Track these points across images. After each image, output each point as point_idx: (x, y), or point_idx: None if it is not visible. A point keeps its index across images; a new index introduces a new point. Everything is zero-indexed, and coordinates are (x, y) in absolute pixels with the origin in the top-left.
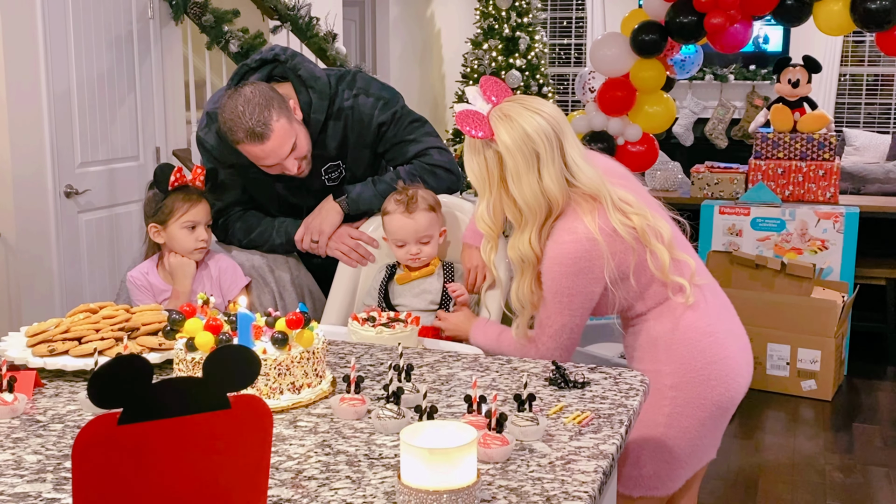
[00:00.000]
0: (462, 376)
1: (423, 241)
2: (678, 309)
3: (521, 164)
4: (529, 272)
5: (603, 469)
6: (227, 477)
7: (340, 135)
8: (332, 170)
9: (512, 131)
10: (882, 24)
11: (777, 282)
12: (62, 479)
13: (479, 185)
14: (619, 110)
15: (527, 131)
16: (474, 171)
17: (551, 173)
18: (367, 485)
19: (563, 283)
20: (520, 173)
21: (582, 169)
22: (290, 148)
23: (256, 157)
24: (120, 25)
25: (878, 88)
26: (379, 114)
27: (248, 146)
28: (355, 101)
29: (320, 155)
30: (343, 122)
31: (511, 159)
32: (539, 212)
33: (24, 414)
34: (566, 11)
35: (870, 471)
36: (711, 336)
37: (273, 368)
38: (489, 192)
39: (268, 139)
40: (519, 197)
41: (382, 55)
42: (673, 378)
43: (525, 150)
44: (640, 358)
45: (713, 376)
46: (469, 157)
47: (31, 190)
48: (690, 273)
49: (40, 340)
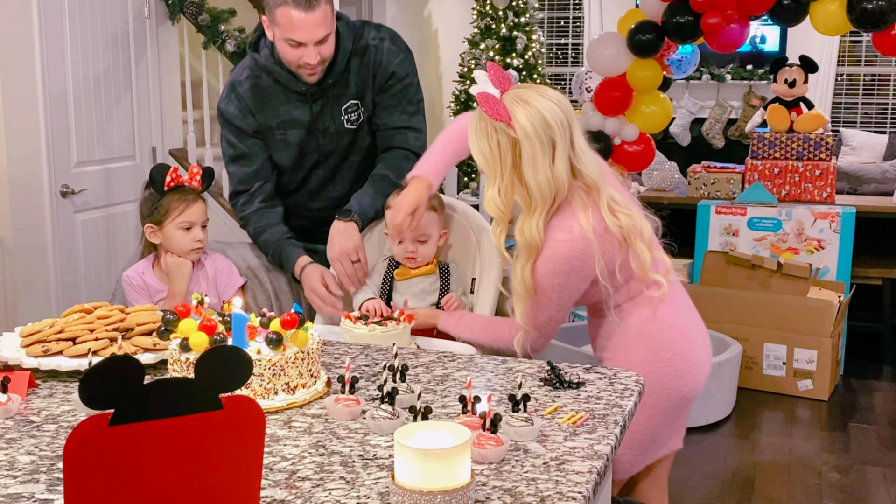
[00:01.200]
0: (457, 377)
1: (420, 239)
2: (652, 302)
3: (538, 150)
4: (532, 256)
5: (597, 469)
6: (219, 478)
7: (363, 71)
8: (352, 109)
9: (532, 117)
10: (878, 24)
11: (773, 282)
12: (55, 479)
13: (490, 169)
14: (615, 110)
15: (545, 117)
16: (485, 155)
17: (563, 160)
18: (361, 485)
19: (555, 281)
20: (536, 159)
21: (588, 157)
22: (324, 36)
23: (292, 25)
24: (116, 25)
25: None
26: (399, 63)
27: (291, 10)
28: (380, 42)
29: (342, 93)
30: (367, 60)
31: (529, 145)
32: (549, 198)
33: (17, 414)
34: (563, 11)
35: (866, 471)
36: (679, 329)
37: (267, 369)
38: (500, 177)
39: (313, 10)
40: (533, 182)
41: None
42: (641, 368)
43: (543, 136)
44: (611, 347)
45: (679, 368)
46: (479, 141)
47: (27, 189)
48: (666, 270)
49: (35, 341)
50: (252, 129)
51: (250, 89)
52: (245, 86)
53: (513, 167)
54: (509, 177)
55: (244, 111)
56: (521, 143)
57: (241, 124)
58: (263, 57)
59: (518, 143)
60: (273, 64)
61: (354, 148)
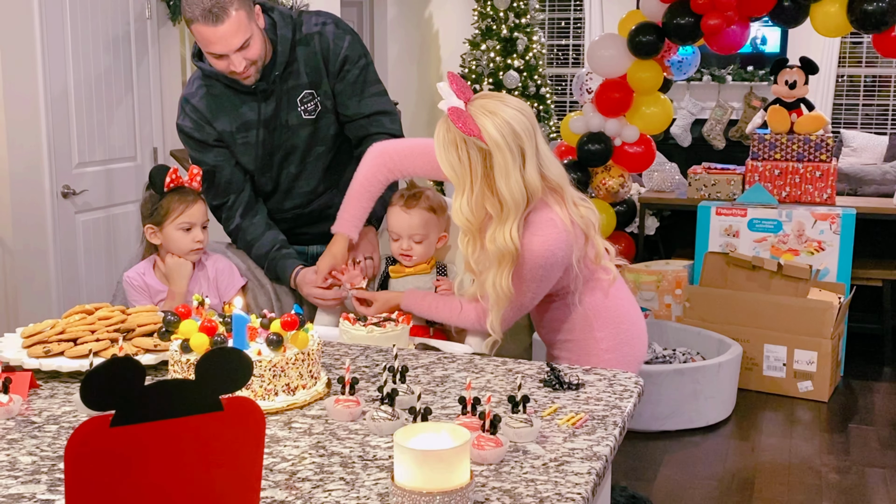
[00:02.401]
0: (457, 378)
1: (416, 239)
2: (602, 284)
3: (509, 159)
4: (508, 265)
5: (596, 470)
6: (219, 479)
7: (312, 60)
8: (308, 100)
9: (501, 127)
10: (879, 25)
11: (773, 283)
12: (57, 480)
13: (459, 180)
14: (616, 111)
15: (513, 126)
16: (454, 166)
17: (532, 167)
18: (360, 486)
19: (539, 272)
20: (508, 168)
21: (551, 161)
22: (242, 43)
23: (206, 40)
24: (117, 26)
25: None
26: (348, 47)
27: (202, 26)
28: (324, 27)
29: (295, 85)
30: (313, 48)
31: (500, 155)
32: (521, 204)
33: (19, 415)
34: (564, 12)
35: (866, 472)
36: (628, 301)
37: (268, 370)
38: (470, 188)
39: (222, 23)
40: (506, 191)
41: (380, 56)
42: (607, 342)
43: (513, 145)
44: (572, 329)
45: (635, 335)
46: (448, 153)
47: (28, 190)
48: (610, 256)
49: (36, 341)
50: (212, 138)
51: (203, 98)
52: (197, 96)
53: (483, 177)
54: (480, 187)
55: (199, 123)
56: (492, 154)
57: (200, 137)
58: (208, 64)
59: (489, 154)
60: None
61: (317, 138)
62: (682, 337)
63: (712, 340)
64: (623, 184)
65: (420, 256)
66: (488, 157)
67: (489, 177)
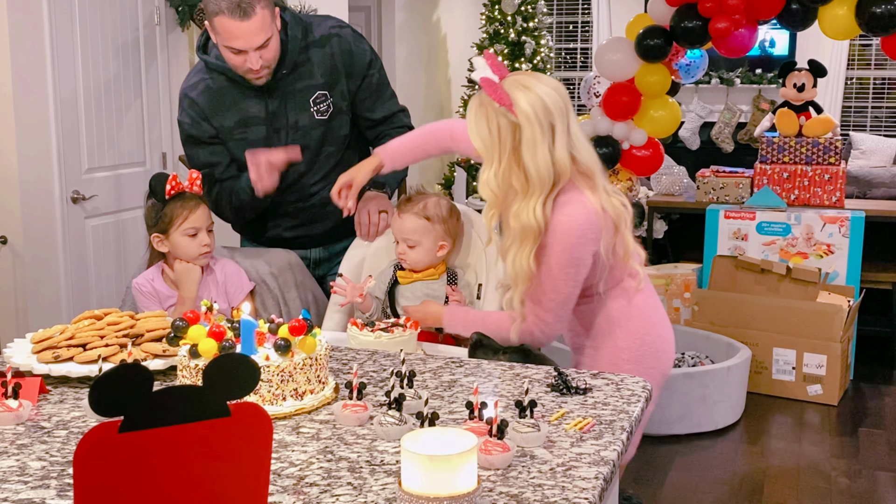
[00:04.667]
0: (464, 382)
1: (408, 244)
2: (628, 292)
3: (538, 133)
4: (530, 243)
5: (604, 475)
6: (227, 484)
7: (328, 62)
8: (321, 101)
9: (532, 101)
10: (887, 28)
11: (782, 286)
12: (66, 485)
13: (488, 152)
14: (624, 115)
15: (545, 102)
16: (483, 138)
17: (561, 146)
18: (368, 491)
19: (574, 253)
20: (536, 142)
21: (583, 144)
22: (263, 42)
23: (229, 34)
24: (126, 32)
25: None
26: (370, 51)
27: (227, 19)
28: (341, 30)
29: (308, 85)
30: (329, 50)
31: (529, 128)
32: (547, 182)
33: (28, 420)
34: (572, 16)
35: (876, 476)
36: (656, 312)
37: (276, 375)
38: (498, 160)
39: (249, 18)
40: (531, 166)
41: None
42: (630, 353)
43: (543, 120)
44: (597, 335)
45: (660, 348)
46: (479, 123)
47: (38, 195)
48: (641, 261)
49: (45, 347)
50: (207, 135)
51: (203, 93)
52: (197, 90)
53: (512, 151)
54: (507, 161)
55: (196, 119)
56: (521, 127)
57: (196, 133)
58: (213, 57)
59: (518, 126)
60: (223, 62)
61: (329, 139)
62: (690, 341)
63: (721, 344)
64: (631, 187)
65: (414, 262)
66: (517, 131)
67: (517, 150)
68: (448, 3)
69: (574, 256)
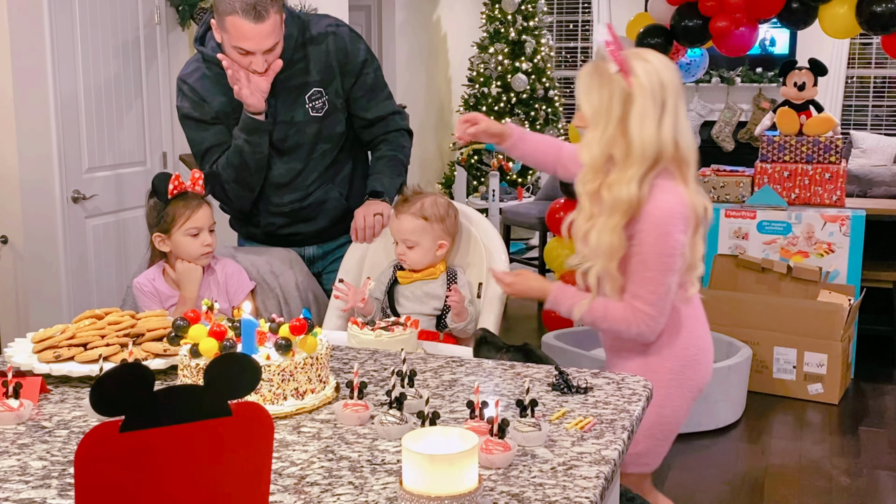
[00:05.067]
0: (465, 382)
1: (407, 244)
2: (681, 299)
3: (648, 106)
4: (619, 216)
5: (605, 475)
6: (228, 484)
7: (323, 60)
8: (316, 98)
9: (650, 74)
10: (887, 26)
11: (783, 285)
12: (67, 485)
13: (596, 117)
14: None
15: (662, 78)
16: (593, 102)
17: (668, 125)
18: (369, 490)
19: (669, 241)
20: (646, 114)
21: (688, 132)
22: (273, 44)
23: (241, 35)
24: (127, 31)
25: (886, 91)
26: (365, 51)
27: (240, 20)
28: (338, 28)
29: (304, 82)
30: (325, 48)
31: (641, 99)
32: (649, 157)
33: (29, 420)
34: (572, 15)
35: (877, 475)
36: (702, 324)
37: (277, 374)
38: (604, 126)
39: (262, 21)
40: (637, 137)
41: (388, 59)
42: (673, 362)
43: (656, 94)
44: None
45: (701, 361)
46: (591, 88)
47: (39, 195)
48: (700, 273)
49: (46, 346)
50: (210, 116)
51: (200, 79)
52: (194, 77)
53: (619, 119)
54: (613, 128)
55: (196, 102)
56: (633, 96)
57: (199, 115)
58: (210, 49)
59: (631, 96)
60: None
61: (323, 136)
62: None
63: (722, 343)
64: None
65: (414, 262)
66: (628, 100)
67: (624, 120)
68: (448, 2)
69: (670, 245)
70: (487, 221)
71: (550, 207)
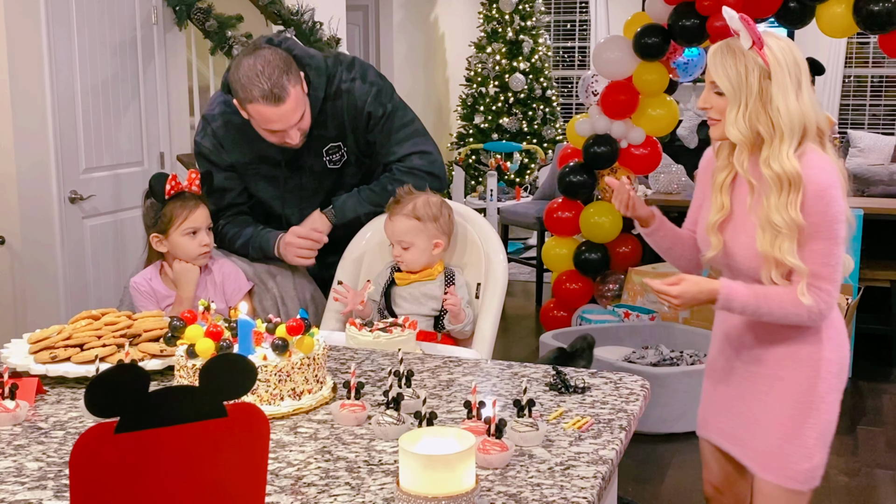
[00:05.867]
0: (462, 382)
1: (403, 245)
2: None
3: (787, 81)
4: (792, 190)
5: (602, 474)
6: (224, 485)
7: (339, 116)
8: (334, 151)
9: (784, 50)
10: (885, 25)
11: None
12: (63, 486)
13: (734, 94)
14: (622, 113)
15: (795, 55)
16: (730, 77)
17: (807, 99)
18: (366, 491)
19: (835, 207)
20: (787, 89)
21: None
22: (300, 117)
23: (266, 119)
24: (124, 31)
25: (883, 90)
26: (371, 102)
27: (262, 106)
28: (352, 84)
29: (321, 135)
30: (341, 104)
31: (781, 74)
32: (797, 131)
33: (25, 421)
34: (569, 14)
35: (874, 474)
36: (842, 322)
37: (274, 375)
38: (743, 103)
39: (283, 103)
40: (783, 110)
41: (386, 59)
42: (834, 365)
43: (792, 70)
44: (803, 340)
45: (847, 361)
46: (727, 65)
47: (36, 195)
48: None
49: (43, 347)
50: (226, 164)
51: (223, 126)
52: (218, 122)
53: (758, 94)
54: (754, 104)
55: (218, 147)
56: (771, 71)
57: (215, 159)
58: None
59: (766, 71)
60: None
61: (340, 184)
62: (689, 339)
63: None
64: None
65: (411, 263)
66: (765, 75)
67: (763, 95)
68: (446, 2)
69: (836, 211)
70: (485, 221)
71: (548, 207)
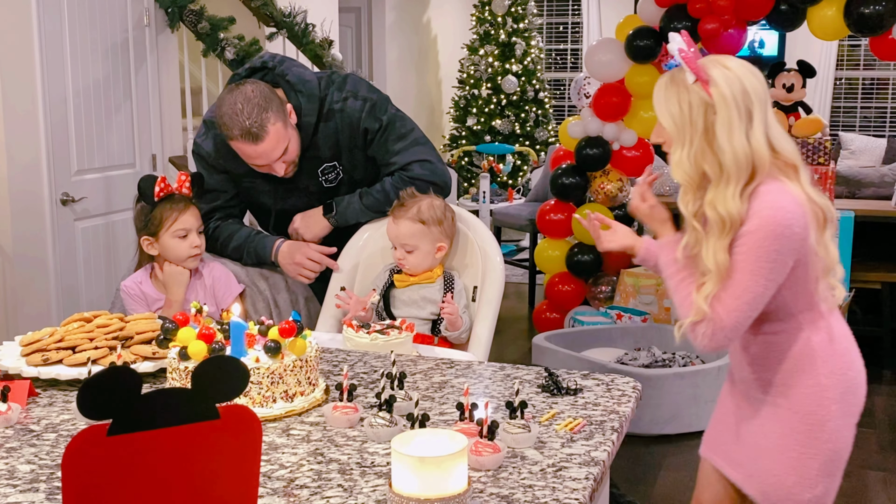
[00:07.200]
0: (455, 383)
1: (406, 248)
2: (826, 316)
3: (734, 116)
4: (728, 234)
5: (594, 476)
6: (216, 487)
7: (333, 137)
8: (329, 171)
9: (730, 81)
10: (875, 28)
11: None
12: (55, 488)
13: (678, 132)
14: (614, 115)
15: (744, 85)
16: (674, 116)
17: (758, 134)
18: (358, 493)
19: (774, 245)
20: (732, 125)
21: (783, 137)
22: (282, 152)
23: (247, 156)
24: (116, 33)
25: (874, 92)
26: (366, 118)
27: (241, 144)
28: (344, 103)
29: (316, 157)
30: (334, 125)
31: (725, 110)
32: (745, 171)
33: (17, 423)
34: (562, 17)
35: (866, 475)
36: (853, 342)
37: (266, 377)
38: (689, 142)
39: (262, 141)
40: (728, 150)
41: (379, 61)
42: (834, 391)
43: (740, 103)
44: (793, 370)
45: (859, 383)
46: (670, 101)
47: (28, 198)
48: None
49: (34, 350)
50: (221, 168)
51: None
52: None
53: (704, 132)
54: (699, 143)
55: (217, 152)
56: (716, 107)
57: (213, 162)
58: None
59: (712, 106)
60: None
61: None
62: (682, 341)
63: None
64: (622, 188)
65: (414, 266)
66: (710, 111)
67: (709, 132)
68: (438, 4)
69: (774, 249)
70: (482, 224)
71: (541, 209)
